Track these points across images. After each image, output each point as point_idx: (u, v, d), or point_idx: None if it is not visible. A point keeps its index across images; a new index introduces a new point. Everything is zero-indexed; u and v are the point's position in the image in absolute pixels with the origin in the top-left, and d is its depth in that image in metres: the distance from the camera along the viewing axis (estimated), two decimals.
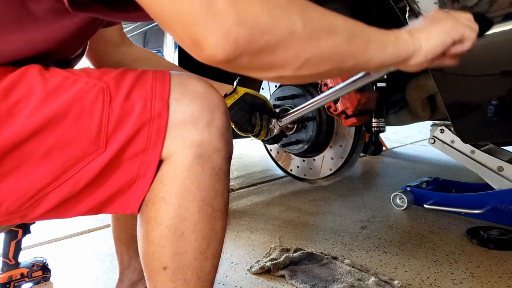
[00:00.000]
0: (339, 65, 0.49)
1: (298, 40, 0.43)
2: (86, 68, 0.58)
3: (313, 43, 0.45)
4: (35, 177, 0.50)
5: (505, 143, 1.69)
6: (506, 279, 1.04)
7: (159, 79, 0.54)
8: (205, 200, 0.55)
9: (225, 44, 0.40)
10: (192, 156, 0.53)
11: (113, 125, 0.51)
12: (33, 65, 0.52)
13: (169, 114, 0.52)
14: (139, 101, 0.52)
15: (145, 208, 0.55)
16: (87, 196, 0.53)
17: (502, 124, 0.95)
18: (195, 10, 0.39)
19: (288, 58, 0.44)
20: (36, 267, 1.12)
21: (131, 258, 0.94)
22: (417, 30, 0.58)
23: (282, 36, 0.42)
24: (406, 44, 0.55)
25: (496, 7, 0.80)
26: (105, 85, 0.51)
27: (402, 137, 3.80)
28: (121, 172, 0.53)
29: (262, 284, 1.07)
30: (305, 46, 0.44)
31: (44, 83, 0.50)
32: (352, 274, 1.05)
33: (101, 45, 0.84)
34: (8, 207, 0.50)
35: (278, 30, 0.42)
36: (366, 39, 0.50)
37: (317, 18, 0.46)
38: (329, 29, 0.46)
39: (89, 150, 0.50)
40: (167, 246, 0.54)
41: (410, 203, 1.62)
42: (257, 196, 1.97)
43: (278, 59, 0.44)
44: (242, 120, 1.06)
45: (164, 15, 0.42)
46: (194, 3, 0.39)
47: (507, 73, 0.86)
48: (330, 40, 0.46)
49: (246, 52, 0.41)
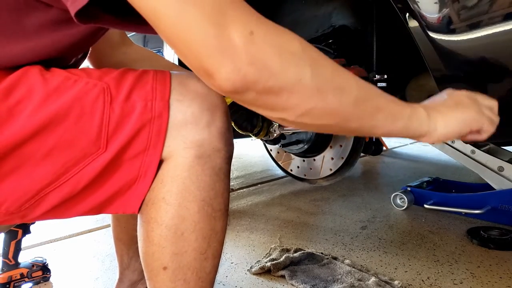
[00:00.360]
0: (342, 124, 0.50)
1: (303, 90, 0.45)
2: (86, 68, 0.58)
3: (318, 96, 0.46)
4: (36, 177, 0.50)
5: (505, 143, 1.69)
6: (506, 279, 1.04)
7: (160, 79, 0.54)
8: (205, 200, 0.55)
9: (235, 79, 0.42)
10: (192, 156, 0.53)
11: (114, 126, 0.51)
12: (33, 66, 0.52)
13: (169, 115, 0.52)
14: (140, 101, 0.52)
15: (145, 208, 0.55)
16: (88, 197, 0.53)
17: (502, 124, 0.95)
18: (211, 43, 0.41)
19: (291, 104, 0.46)
20: (36, 267, 1.12)
21: (131, 258, 0.94)
22: (436, 110, 0.57)
23: (289, 82, 0.44)
24: (420, 122, 0.55)
25: (496, 7, 0.80)
26: (105, 85, 0.51)
27: None
28: (122, 173, 0.53)
29: (262, 284, 1.07)
30: (310, 97, 0.46)
31: (45, 83, 0.50)
32: (352, 274, 1.05)
33: (101, 45, 0.84)
34: (8, 207, 0.50)
35: (286, 76, 0.43)
36: (376, 106, 0.51)
37: (328, 73, 0.47)
38: (339, 87, 0.48)
39: (90, 150, 0.50)
40: (167, 246, 0.54)
41: (411, 203, 1.62)
42: (257, 196, 1.97)
43: (281, 102, 0.45)
44: (242, 118, 1.06)
45: (178, 43, 0.43)
46: (210, 36, 0.41)
47: (507, 73, 0.85)
48: (336, 97, 0.47)
49: (252, 89, 0.43)
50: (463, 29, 0.84)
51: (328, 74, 0.47)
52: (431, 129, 0.56)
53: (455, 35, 0.85)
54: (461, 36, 0.85)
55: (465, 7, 0.83)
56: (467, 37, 0.84)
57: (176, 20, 0.41)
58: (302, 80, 0.44)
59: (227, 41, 0.41)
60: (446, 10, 0.84)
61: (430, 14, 0.86)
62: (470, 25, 0.83)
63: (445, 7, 0.84)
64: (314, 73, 0.45)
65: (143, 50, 0.96)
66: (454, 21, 0.84)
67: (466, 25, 0.83)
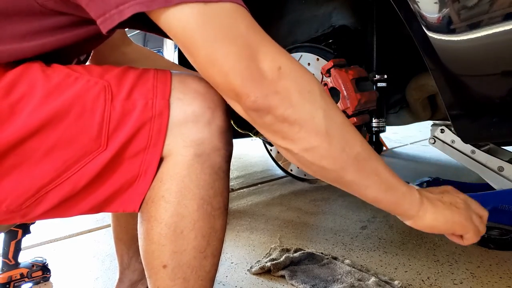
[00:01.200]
0: (339, 172, 0.53)
1: (314, 127, 0.50)
2: (87, 65, 0.58)
3: (325, 137, 0.50)
4: (36, 175, 0.50)
5: (505, 143, 1.69)
6: (506, 279, 1.04)
7: (161, 78, 0.54)
8: (205, 199, 0.55)
9: (260, 102, 0.48)
10: (191, 154, 0.53)
11: (115, 124, 0.51)
12: (34, 62, 0.53)
13: (170, 113, 0.52)
14: (141, 99, 0.52)
15: (145, 206, 0.55)
16: (88, 195, 0.53)
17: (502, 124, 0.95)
18: (244, 74, 0.47)
19: (300, 137, 0.50)
20: (36, 267, 1.12)
21: (131, 258, 0.94)
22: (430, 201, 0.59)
23: (303, 116, 0.49)
24: (411, 205, 0.58)
25: (496, 7, 0.80)
26: (106, 83, 0.52)
27: (402, 137, 3.80)
28: (122, 171, 0.53)
29: (262, 284, 1.07)
30: (317, 135, 0.50)
31: (46, 80, 0.50)
32: (352, 274, 1.05)
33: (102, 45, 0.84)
34: (9, 206, 0.50)
35: (302, 110, 0.49)
36: (375, 169, 0.54)
37: (339, 120, 0.52)
38: (345, 138, 0.52)
39: (90, 148, 0.51)
40: (167, 244, 0.54)
41: None
42: (257, 196, 1.97)
43: (292, 132, 0.50)
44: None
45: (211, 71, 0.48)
46: (243, 67, 0.46)
47: (507, 73, 0.85)
48: (341, 144, 0.52)
49: (272, 114, 0.49)
50: (463, 29, 0.84)
51: (338, 121, 0.52)
52: (419, 216, 0.58)
53: (455, 35, 0.85)
54: (461, 36, 0.85)
55: (465, 7, 0.83)
56: (467, 37, 0.84)
57: (212, 53, 0.46)
58: (314, 118, 0.50)
59: (259, 73, 0.47)
60: (446, 10, 0.84)
61: (430, 14, 0.86)
62: (470, 25, 0.83)
63: (445, 7, 0.84)
64: (327, 115, 0.50)
65: (143, 50, 0.96)
66: (454, 21, 0.84)
67: (466, 25, 0.83)
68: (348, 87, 1.20)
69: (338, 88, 1.21)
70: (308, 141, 0.50)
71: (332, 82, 1.37)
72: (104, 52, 0.86)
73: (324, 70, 1.22)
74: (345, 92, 1.20)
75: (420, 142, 3.52)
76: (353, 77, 1.21)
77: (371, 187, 0.55)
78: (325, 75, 1.22)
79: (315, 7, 1.53)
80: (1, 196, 0.50)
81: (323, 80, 1.40)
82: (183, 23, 0.46)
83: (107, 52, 0.87)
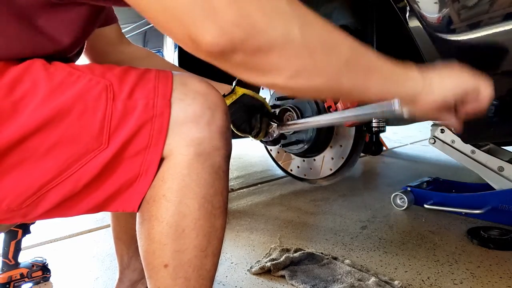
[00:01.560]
0: (333, 85, 0.49)
1: (292, 47, 0.44)
2: (88, 63, 0.58)
3: (307, 54, 0.45)
4: (37, 173, 0.50)
5: (505, 143, 1.69)
6: (506, 279, 1.04)
7: (162, 78, 0.54)
8: (206, 198, 0.55)
9: (220, 41, 0.41)
10: (192, 154, 0.53)
11: (116, 122, 0.51)
12: (36, 60, 0.53)
13: (171, 113, 0.53)
14: (142, 99, 0.52)
15: (146, 206, 0.55)
16: (89, 194, 0.53)
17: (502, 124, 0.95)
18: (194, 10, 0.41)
19: (281, 64, 0.45)
20: (36, 267, 1.12)
21: (131, 258, 0.94)
22: (432, 71, 0.56)
23: (277, 40, 0.43)
24: (415, 82, 0.54)
25: (496, 7, 0.80)
26: (108, 82, 0.52)
27: (402, 137, 3.80)
28: (123, 170, 0.53)
29: (262, 284, 1.07)
30: (299, 55, 0.45)
31: (49, 78, 0.51)
32: (352, 274, 1.05)
33: (99, 44, 0.84)
34: (9, 204, 0.50)
35: (274, 33, 0.42)
36: (369, 66, 0.50)
37: (318, 31, 0.46)
38: (329, 45, 0.47)
39: (92, 146, 0.51)
40: (168, 243, 0.54)
41: (411, 203, 1.62)
42: (257, 196, 1.97)
43: (270, 62, 0.44)
44: (240, 120, 1.06)
45: (160, 15, 0.43)
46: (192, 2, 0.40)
47: (507, 73, 0.85)
48: (326, 55, 0.47)
49: (240, 49, 0.42)
50: (463, 29, 0.84)
51: (317, 31, 0.46)
52: (427, 87, 0.55)
53: (455, 35, 0.85)
54: (461, 36, 0.85)
55: (465, 7, 0.83)
56: (467, 37, 0.84)
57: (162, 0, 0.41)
58: (290, 38, 0.43)
59: (209, 4, 0.40)
60: (446, 10, 0.84)
61: (430, 14, 0.86)
62: (470, 25, 0.83)
63: (445, 7, 0.84)
64: (303, 30, 0.44)
65: (142, 50, 0.97)
66: (454, 21, 0.84)
67: (466, 25, 0.83)
68: None
69: None
70: (289, 65, 0.45)
71: None
72: (103, 52, 0.86)
73: None
74: None
75: (420, 142, 3.52)
76: None
77: (371, 87, 0.51)
78: None
79: (315, 7, 1.53)
80: (1, 194, 0.50)
81: None
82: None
83: (105, 52, 0.87)
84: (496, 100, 0.90)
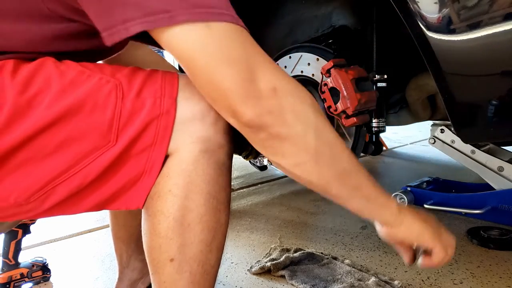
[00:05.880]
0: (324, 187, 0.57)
1: (304, 145, 0.53)
2: (98, 63, 0.59)
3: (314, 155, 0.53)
4: (46, 168, 0.51)
5: (505, 143, 1.69)
6: (506, 279, 1.04)
7: (168, 79, 0.56)
8: (211, 193, 0.56)
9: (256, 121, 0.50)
10: (197, 150, 0.55)
11: (124, 120, 0.52)
12: (47, 58, 0.54)
13: (177, 111, 0.54)
14: (149, 98, 0.54)
15: (151, 201, 0.56)
16: (94, 191, 0.54)
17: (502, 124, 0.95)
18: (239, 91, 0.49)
19: (290, 153, 0.53)
20: (36, 267, 1.12)
21: (130, 257, 0.94)
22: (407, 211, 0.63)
23: (294, 135, 0.52)
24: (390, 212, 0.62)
25: (496, 7, 0.80)
26: (118, 82, 0.53)
27: (402, 137, 3.80)
28: (129, 168, 0.54)
29: (262, 284, 1.07)
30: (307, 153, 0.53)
31: (61, 76, 0.52)
32: (352, 274, 1.05)
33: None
34: (17, 198, 0.51)
35: (294, 129, 0.52)
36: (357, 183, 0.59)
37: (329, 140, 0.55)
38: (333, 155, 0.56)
39: (100, 143, 0.52)
40: (174, 238, 0.55)
41: (411, 203, 1.62)
42: (257, 196, 1.97)
43: (283, 149, 0.53)
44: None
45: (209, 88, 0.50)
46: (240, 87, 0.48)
47: (507, 73, 0.85)
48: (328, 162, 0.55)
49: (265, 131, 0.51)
50: (463, 29, 0.84)
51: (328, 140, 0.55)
52: (397, 223, 0.62)
53: (455, 35, 0.85)
54: (461, 36, 0.85)
55: (465, 7, 0.83)
56: (467, 37, 0.84)
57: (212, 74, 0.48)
58: (306, 137, 0.53)
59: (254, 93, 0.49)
60: (446, 10, 0.84)
61: (430, 14, 0.86)
62: (470, 25, 0.83)
63: (445, 7, 0.84)
64: (318, 134, 0.53)
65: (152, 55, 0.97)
66: (454, 21, 0.84)
67: (466, 25, 0.83)
68: (348, 87, 1.20)
69: (338, 88, 1.21)
70: (297, 157, 0.54)
71: (332, 82, 1.37)
72: None
73: (324, 70, 1.22)
74: (345, 92, 1.20)
75: (420, 142, 3.52)
76: (353, 77, 1.21)
77: (353, 199, 0.59)
78: (325, 75, 1.22)
79: (315, 7, 1.53)
80: (10, 188, 0.51)
81: (323, 80, 1.41)
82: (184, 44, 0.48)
83: None
84: (496, 100, 0.90)
